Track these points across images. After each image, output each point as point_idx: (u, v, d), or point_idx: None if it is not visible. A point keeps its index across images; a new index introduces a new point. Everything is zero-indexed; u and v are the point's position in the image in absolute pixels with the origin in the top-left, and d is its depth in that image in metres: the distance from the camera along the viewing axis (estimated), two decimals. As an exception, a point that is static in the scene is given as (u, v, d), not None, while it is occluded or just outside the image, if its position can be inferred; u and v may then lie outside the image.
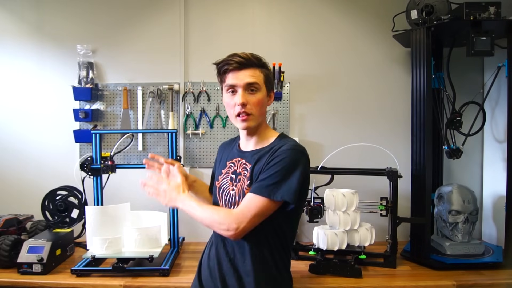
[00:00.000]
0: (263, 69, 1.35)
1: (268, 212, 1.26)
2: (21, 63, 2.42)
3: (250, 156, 1.38)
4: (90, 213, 1.88)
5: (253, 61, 1.32)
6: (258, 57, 1.35)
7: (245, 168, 1.37)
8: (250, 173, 1.33)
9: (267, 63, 1.38)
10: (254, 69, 1.32)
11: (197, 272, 1.47)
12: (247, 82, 1.30)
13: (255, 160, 1.34)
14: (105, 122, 2.42)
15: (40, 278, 1.74)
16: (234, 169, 1.40)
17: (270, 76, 1.38)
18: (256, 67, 1.33)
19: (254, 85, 1.31)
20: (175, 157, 2.04)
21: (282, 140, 1.38)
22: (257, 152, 1.36)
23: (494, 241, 2.18)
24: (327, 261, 1.86)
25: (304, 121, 2.42)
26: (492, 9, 1.87)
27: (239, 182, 1.36)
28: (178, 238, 2.10)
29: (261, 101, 1.33)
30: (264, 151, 1.35)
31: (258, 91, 1.33)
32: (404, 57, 2.38)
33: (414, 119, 2.00)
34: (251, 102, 1.31)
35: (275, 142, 1.37)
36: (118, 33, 2.41)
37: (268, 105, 1.41)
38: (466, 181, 2.30)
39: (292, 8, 2.40)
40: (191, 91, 2.40)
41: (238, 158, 1.41)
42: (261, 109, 1.34)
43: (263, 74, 1.35)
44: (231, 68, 1.31)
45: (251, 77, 1.31)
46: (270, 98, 1.41)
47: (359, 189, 2.02)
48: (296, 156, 1.28)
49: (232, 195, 1.37)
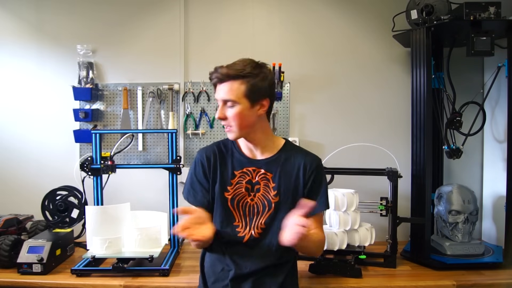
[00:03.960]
0: (246, 79, 1.29)
1: None
2: (21, 63, 2.42)
3: (267, 165, 1.40)
4: (90, 213, 1.88)
5: (231, 74, 1.29)
6: (243, 67, 1.29)
7: (265, 177, 1.39)
8: (276, 182, 1.38)
9: (255, 70, 1.31)
10: (232, 82, 1.29)
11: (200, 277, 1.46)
12: (222, 98, 1.32)
13: (278, 169, 1.39)
14: (105, 122, 2.42)
15: (40, 278, 1.74)
16: (249, 179, 1.39)
17: (257, 85, 1.30)
18: (236, 79, 1.29)
19: (229, 101, 1.31)
20: (175, 157, 2.04)
21: (294, 148, 1.47)
22: (275, 160, 1.41)
23: (494, 241, 2.18)
24: (327, 261, 1.86)
25: (304, 121, 2.41)
26: (492, 9, 1.86)
27: (259, 191, 1.38)
28: (178, 238, 2.10)
29: (240, 114, 1.31)
30: (282, 159, 1.41)
31: (236, 104, 1.30)
32: (404, 57, 2.38)
33: (414, 119, 2.00)
34: (230, 116, 1.32)
35: (286, 148, 1.44)
36: (118, 33, 2.41)
37: (260, 113, 1.35)
38: (466, 181, 2.30)
39: (292, 8, 2.40)
40: (191, 91, 2.40)
41: (253, 168, 1.40)
42: (241, 122, 1.32)
43: (244, 85, 1.29)
44: (213, 82, 1.34)
45: (226, 94, 1.30)
46: (262, 106, 1.35)
47: (359, 189, 2.02)
48: (323, 167, 1.47)
49: (251, 205, 1.38)
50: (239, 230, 1.38)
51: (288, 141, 1.46)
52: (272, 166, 1.38)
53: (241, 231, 1.38)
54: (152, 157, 2.42)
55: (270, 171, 1.38)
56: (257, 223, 1.37)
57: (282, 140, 1.45)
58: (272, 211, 1.36)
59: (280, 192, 1.35)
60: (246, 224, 1.38)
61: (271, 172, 1.38)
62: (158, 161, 2.41)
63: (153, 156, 2.42)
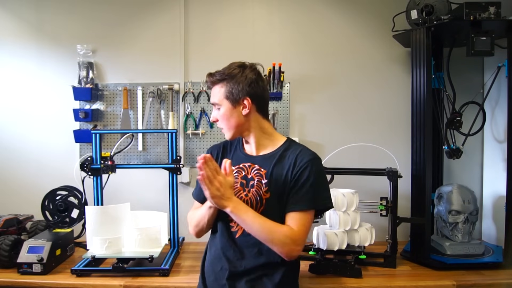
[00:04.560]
0: (224, 82, 1.38)
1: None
2: (21, 63, 2.42)
3: (262, 161, 1.40)
4: (90, 213, 1.88)
5: (214, 80, 1.40)
6: (221, 72, 1.39)
7: (259, 173, 1.38)
8: (268, 178, 1.36)
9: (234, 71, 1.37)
10: (215, 87, 1.40)
11: (200, 277, 1.46)
12: (211, 102, 1.44)
13: (271, 165, 1.37)
14: (105, 122, 2.42)
15: (40, 278, 1.74)
16: (245, 174, 1.40)
17: (235, 86, 1.36)
18: (217, 83, 1.39)
19: (215, 105, 1.42)
20: (175, 157, 2.05)
21: (293, 145, 1.42)
22: (271, 157, 1.39)
23: (494, 241, 2.18)
24: (327, 261, 1.86)
25: (304, 121, 2.42)
26: (492, 9, 1.86)
27: (253, 187, 1.37)
28: (178, 238, 2.10)
29: (224, 115, 1.40)
30: (278, 156, 1.38)
31: (220, 106, 1.40)
32: (404, 57, 2.38)
33: (414, 119, 2.00)
34: (218, 117, 1.42)
35: (285, 146, 1.41)
36: (118, 33, 2.41)
37: (245, 113, 1.38)
38: (466, 181, 2.30)
39: (292, 8, 2.40)
40: (191, 91, 2.40)
41: (249, 163, 1.41)
42: (227, 123, 1.40)
43: (224, 88, 1.38)
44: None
45: (212, 98, 1.43)
46: (245, 106, 1.37)
47: (359, 189, 2.02)
48: (319, 163, 1.38)
49: (245, 200, 1.37)
50: (232, 224, 1.39)
51: (290, 139, 1.45)
52: (267, 162, 1.38)
53: (234, 225, 1.39)
54: (152, 157, 2.42)
55: (264, 167, 1.38)
56: None
57: (284, 139, 1.45)
58: (263, 208, 1.35)
59: (271, 188, 1.35)
60: None
61: (264, 168, 1.38)
62: (158, 161, 2.41)
63: (153, 156, 2.42)
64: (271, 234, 1.28)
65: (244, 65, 1.40)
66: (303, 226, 1.30)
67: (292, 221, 1.31)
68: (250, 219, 1.28)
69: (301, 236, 1.30)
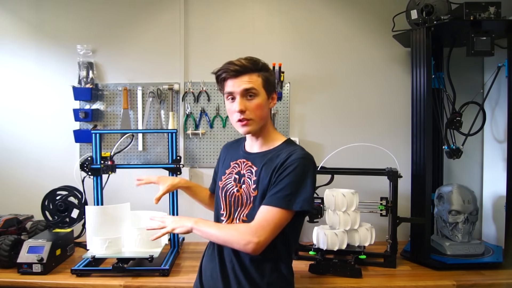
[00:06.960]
0: (261, 73, 1.34)
1: (285, 222, 1.26)
2: (21, 63, 2.42)
3: (255, 158, 1.39)
4: (90, 213, 1.88)
5: (249, 67, 1.32)
6: (255, 61, 1.33)
7: (250, 170, 1.37)
8: (257, 176, 1.34)
9: (265, 65, 1.36)
10: (250, 75, 1.32)
11: (198, 274, 1.47)
12: (244, 88, 1.31)
13: (262, 164, 1.35)
14: (105, 122, 2.42)
15: (40, 278, 1.74)
16: (238, 170, 1.41)
17: (270, 78, 1.37)
18: (253, 72, 1.32)
19: (251, 90, 1.32)
20: (175, 157, 2.04)
21: (290, 146, 1.38)
22: (264, 155, 1.37)
23: (494, 241, 2.18)
24: (327, 261, 1.86)
25: (304, 121, 2.42)
26: (492, 9, 1.87)
27: (244, 183, 1.37)
28: (178, 238, 2.10)
29: (260, 105, 1.33)
30: (271, 155, 1.36)
31: (257, 95, 1.33)
32: (404, 57, 2.38)
33: (414, 119, 2.00)
34: (250, 107, 1.32)
35: (282, 146, 1.38)
36: (118, 33, 2.41)
37: (271, 107, 1.41)
38: (466, 181, 2.30)
39: (292, 8, 2.40)
40: (191, 91, 2.40)
41: (243, 160, 1.41)
42: (261, 113, 1.34)
43: (261, 78, 1.33)
44: (228, 76, 1.33)
45: (247, 83, 1.31)
46: (273, 99, 1.40)
47: (359, 189, 2.02)
48: (307, 164, 1.30)
49: (237, 196, 1.37)
50: (223, 218, 1.40)
51: (289, 140, 1.44)
52: (258, 160, 1.37)
53: (224, 220, 1.40)
54: (152, 157, 2.42)
55: (255, 165, 1.37)
56: (239, 215, 1.37)
57: (283, 139, 1.43)
58: (251, 205, 1.34)
59: (258, 187, 1.33)
60: (230, 214, 1.39)
61: (255, 165, 1.37)
62: (158, 161, 2.41)
63: (153, 156, 2.42)
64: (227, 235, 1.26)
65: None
66: (264, 221, 1.23)
67: (257, 214, 1.27)
68: (209, 228, 1.30)
69: (259, 228, 1.22)
